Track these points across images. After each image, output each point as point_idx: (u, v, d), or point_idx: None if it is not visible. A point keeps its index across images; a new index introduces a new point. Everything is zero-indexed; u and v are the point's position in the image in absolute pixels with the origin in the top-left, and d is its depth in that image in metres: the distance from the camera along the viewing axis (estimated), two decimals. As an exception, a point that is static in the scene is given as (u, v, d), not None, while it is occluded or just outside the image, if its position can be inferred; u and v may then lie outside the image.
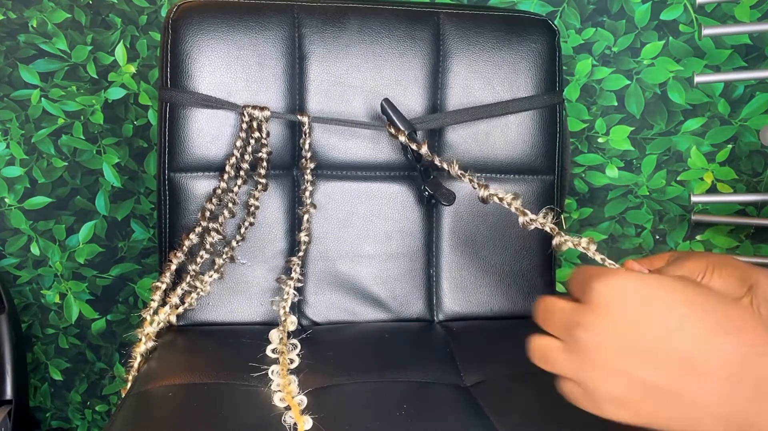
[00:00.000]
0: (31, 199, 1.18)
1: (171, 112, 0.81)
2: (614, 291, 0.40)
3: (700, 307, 0.39)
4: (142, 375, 0.72)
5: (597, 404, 0.41)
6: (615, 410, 0.40)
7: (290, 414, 0.61)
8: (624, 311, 0.40)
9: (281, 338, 0.76)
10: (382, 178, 0.85)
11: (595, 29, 1.10)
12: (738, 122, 1.11)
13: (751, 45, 1.08)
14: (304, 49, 0.83)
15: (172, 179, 0.81)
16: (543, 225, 0.63)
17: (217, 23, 0.81)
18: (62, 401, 1.26)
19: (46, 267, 1.20)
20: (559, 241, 0.61)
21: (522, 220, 0.64)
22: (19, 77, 1.14)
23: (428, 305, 0.86)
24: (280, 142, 0.83)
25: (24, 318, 1.22)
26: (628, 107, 1.12)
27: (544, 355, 0.43)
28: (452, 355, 0.77)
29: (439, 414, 0.64)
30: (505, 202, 0.66)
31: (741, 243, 1.14)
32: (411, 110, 0.84)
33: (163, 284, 0.79)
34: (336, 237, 0.84)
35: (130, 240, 1.20)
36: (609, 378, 0.40)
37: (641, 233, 1.16)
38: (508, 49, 0.85)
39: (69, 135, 1.16)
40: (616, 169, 1.14)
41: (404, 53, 0.84)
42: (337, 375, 0.70)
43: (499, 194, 0.67)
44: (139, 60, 1.14)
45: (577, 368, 0.41)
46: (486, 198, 0.68)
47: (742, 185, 1.12)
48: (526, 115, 0.86)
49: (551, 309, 0.44)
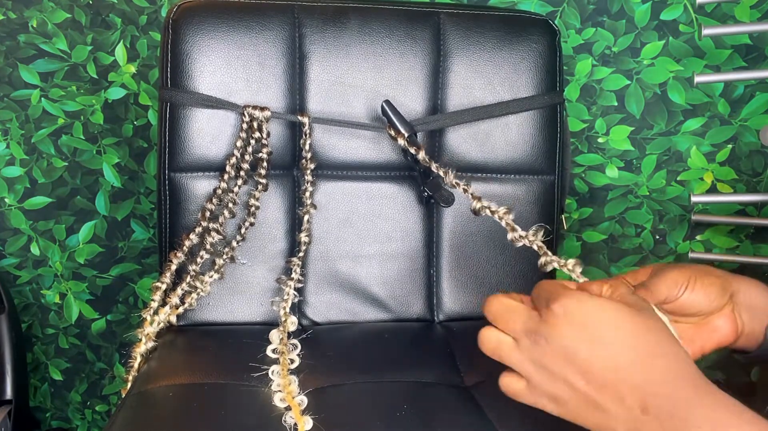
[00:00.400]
0: (31, 199, 1.18)
1: (171, 112, 0.81)
2: (567, 311, 0.48)
3: (629, 334, 0.47)
4: (142, 375, 0.72)
5: (535, 397, 0.50)
6: (549, 404, 0.49)
7: (290, 415, 0.61)
8: (572, 329, 0.47)
9: (281, 338, 0.76)
10: (383, 178, 0.85)
11: (595, 29, 1.10)
12: (738, 122, 1.11)
13: (751, 45, 1.08)
14: (305, 49, 0.83)
15: (173, 179, 0.81)
16: (531, 243, 0.63)
17: (218, 23, 0.80)
18: (62, 401, 1.26)
19: (46, 267, 1.20)
20: (546, 261, 0.61)
21: (511, 236, 0.64)
22: (19, 77, 1.14)
23: (428, 305, 0.86)
24: (280, 142, 0.83)
25: (24, 318, 1.22)
26: (628, 107, 1.12)
27: (497, 348, 0.51)
28: (452, 355, 0.77)
29: (439, 415, 0.64)
30: (496, 216, 0.66)
31: (741, 243, 1.14)
32: (411, 110, 0.84)
33: (164, 284, 0.79)
34: (336, 238, 0.84)
35: (130, 240, 1.20)
36: (551, 379, 0.48)
37: (641, 233, 1.16)
38: (508, 49, 0.85)
39: (69, 135, 1.16)
40: (616, 169, 1.14)
41: (405, 53, 0.84)
42: (337, 375, 0.70)
43: (492, 207, 0.67)
44: (139, 60, 1.14)
45: (526, 366, 0.49)
46: (478, 210, 0.68)
47: (742, 185, 1.12)
48: (527, 115, 0.86)
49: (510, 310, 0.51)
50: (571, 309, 0.48)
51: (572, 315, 0.47)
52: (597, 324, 0.47)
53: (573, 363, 0.47)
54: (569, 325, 0.47)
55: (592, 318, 0.47)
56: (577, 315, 0.47)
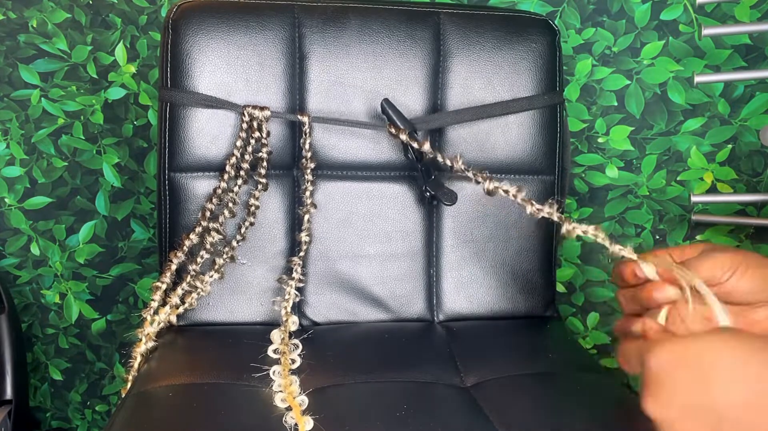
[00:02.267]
0: (31, 199, 1.18)
1: (171, 111, 0.81)
2: (663, 365, 0.46)
3: (739, 367, 0.44)
4: (142, 376, 0.72)
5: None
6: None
7: (291, 415, 0.61)
8: (678, 380, 0.45)
9: (283, 338, 0.76)
10: (383, 178, 0.85)
11: (595, 29, 1.10)
12: (738, 122, 1.11)
13: (751, 45, 1.08)
14: (305, 49, 0.83)
15: (173, 179, 0.81)
16: (550, 215, 0.64)
17: (217, 23, 0.80)
18: (62, 401, 1.26)
19: (46, 267, 1.20)
20: (568, 228, 0.63)
21: (530, 210, 0.67)
22: (19, 77, 1.14)
23: (428, 305, 0.86)
24: (280, 141, 0.83)
25: (24, 318, 1.22)
26: (628, 107, 1.12)
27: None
28: (452, 355, 0.77)
29: (439, 415, 0.64)
30: (510, 194, 0.69)
31: (741, 243, 1.14)
32: (411, 110, 0.84)
33: (164, 284, 0.79)
34: (336, 238, 0.84)
35: (130, 240, 1.20)
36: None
37: (641, 233, 1.16)
38: (508, 48, 0.85)
39: (69, 135, 1.16)
40: (616, 169, 1.14)
41: (404, 53, 0.84)
42: (337, 375, 0.70)
43: (504, 186, 0.69)
44: (139, 60, 1.14)
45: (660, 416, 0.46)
46: (492, 191, 0.69)
47: (742, 185, 1.12)
48: (527, 115, 0.86)
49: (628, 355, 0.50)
50: (668, 362, 0.46)
51: (674, 366, 0.45)
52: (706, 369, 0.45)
53: (695, 411, 0.45)
54: (674, 378, 0.45)
55: (695, 361, 0.45)
56: (678, 363, 0.45)
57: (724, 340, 0.46)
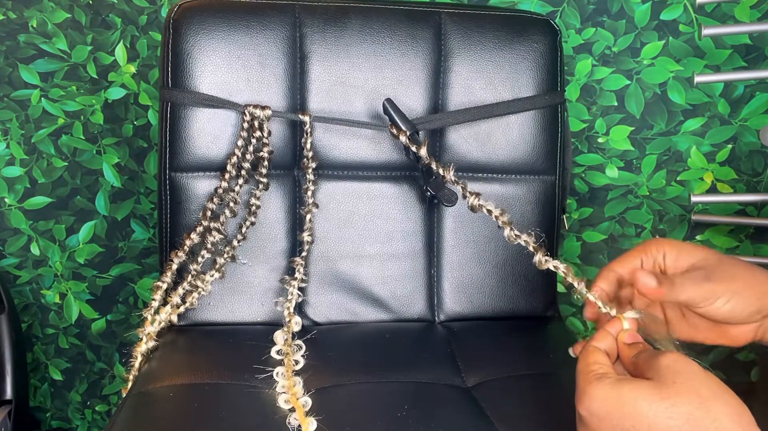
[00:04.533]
0: (31, 199, 1.18)
1: (172, 111, 0.81)
2: (595, 403, 0.49)
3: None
4: (142, 375, 0.72)
5: None
6: None
7: (294, 416, 0.61)
8: (606, 418, 0.48)
9: (286, 339, 0.75)
10: (384, 178, 0.85)
11: (595, 29, 1.10)
12: (738, 122, 1.11)
13: (751, 45, 1.08)
14: (306, 49, 0.83)
15: (173, 179, 0.81)
16: (527, 244, 0.63)
17: (218, 23, 0.80)
18: (62, 401, 1.26)
19: (46, 267, 1.20)
20: (539, 260, 0.62)
21: (507, 233, 0.65)
22: (19, 77, 1.14)
23: (429, 305, 0.86)
24: (281, 141, 0.83)
25: (24, 318, 1.21)
26: (628, 107, 1.12)
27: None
28: (453, 356, 0.77)
29: (440, 415, 0.64)
30: (492, 215, 0.67)
31: (741, 243, 1.14)
32: (412, 110, 0.84)
33: (164, 283, 0.79)
34: (337, 238, 0.84)
35: (130, 240, 1.20)
36: None
37: (641, 233, 1.16)
38: (509, 48, 0.85)
39: (69, 135, 1.16)
40: (616, 169, 1.14)
41: (405, 53, 0.84)
42: (338, 375, 0.70)
43: (488, 206, 0.67)
44: (139, 60, 1.14)
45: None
46: (475, 207, 0.68)
47: (742, 185, 1.13)
48: (528, 115, 0.86)
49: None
50: (599, 401, 0.48)
51: (604, 405, 0.48)
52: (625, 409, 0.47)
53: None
54: (603, 415, 0.48)
55: (622, 404, 0.47)
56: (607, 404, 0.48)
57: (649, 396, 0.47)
